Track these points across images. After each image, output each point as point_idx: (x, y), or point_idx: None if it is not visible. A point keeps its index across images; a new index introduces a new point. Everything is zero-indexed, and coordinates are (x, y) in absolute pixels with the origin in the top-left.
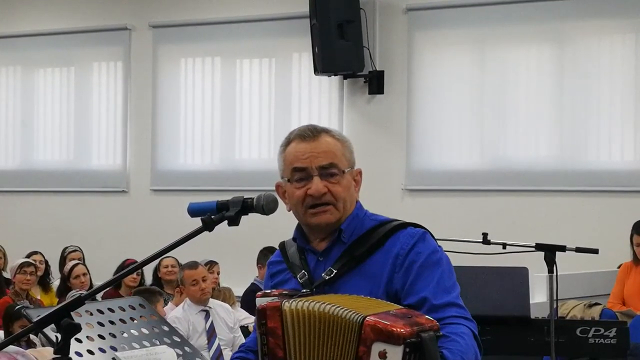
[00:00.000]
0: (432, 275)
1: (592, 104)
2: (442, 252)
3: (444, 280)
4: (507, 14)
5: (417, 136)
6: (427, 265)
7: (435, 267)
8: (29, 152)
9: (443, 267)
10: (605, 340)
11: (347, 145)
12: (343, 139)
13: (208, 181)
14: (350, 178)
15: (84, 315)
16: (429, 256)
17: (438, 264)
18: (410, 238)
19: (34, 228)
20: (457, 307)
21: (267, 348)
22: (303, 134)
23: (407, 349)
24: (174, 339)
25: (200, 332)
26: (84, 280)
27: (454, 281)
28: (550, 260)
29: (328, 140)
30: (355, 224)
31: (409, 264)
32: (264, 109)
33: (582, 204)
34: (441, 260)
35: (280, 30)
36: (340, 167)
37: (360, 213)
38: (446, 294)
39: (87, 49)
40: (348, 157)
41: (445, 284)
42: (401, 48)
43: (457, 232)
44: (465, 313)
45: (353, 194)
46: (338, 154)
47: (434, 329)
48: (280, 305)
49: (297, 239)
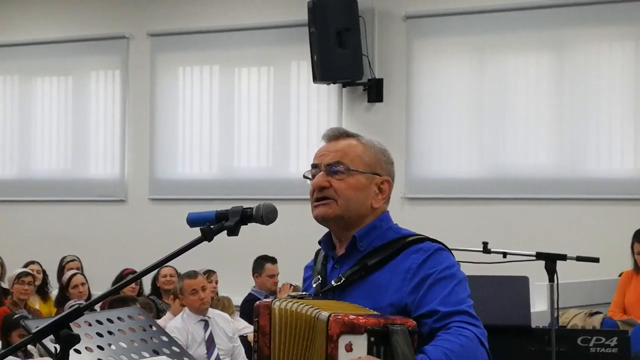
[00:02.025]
0: (443, 288)
1: (592, 111)
2: (458, 268)
3: (456, 293)
4: (507, 21)
5: (416, 144)
6: (439, 279)
7: (447, 281)
8: (26, 162)
9: (456, 281)
10: (606, 349)
11: (372, 151)
12: (369, 145)
13: (206, 190)
14: (365, 181)
15: (82, 325)
16: (441, 271)
17: (450, 278)
18: (423, 253)
19: (32, 237)
20: (466, 314)
21: (257, 345)
22: (327, 135)
23: (372, 338)
24: (173, 350)
25: (199, 342)
26: (82, 290)
27: (467, 296)
28: (551, 269)
29: (347, 142)
30: (375, 234)
31: (420, 279)
32: (263, 118)
33: (583, 212)
34: (454, 275)
35: (279, 38)
36: (348, 165)
37: (384, 224)
38: (456, 305)
39: (85, 57)
40: (367, 161)
41: (458, 296)
42: (400, 56)
43: (457, 241)
44: (475, 321)
45: (366, 198)
46: (351, 154)
47: (409, 325)
48: (270, 304)
49: (322, 243)
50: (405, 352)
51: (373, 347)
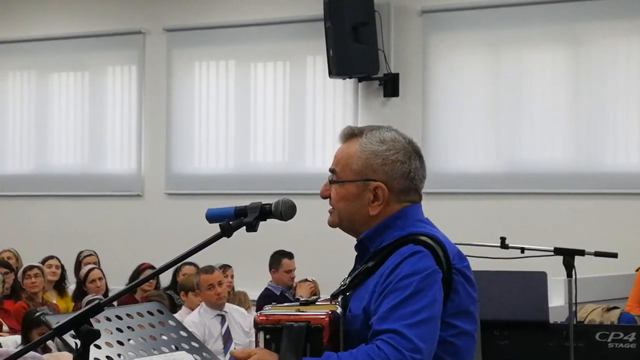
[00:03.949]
0: (390, 300)
1: (609, 105)
2: (421, 277)
3: (402, 307)
4: (523, 16)
5: (432, 139)
6: (392, 290)
7: (398, 293)
8: (43, 157)
9: (407, 292)
10: (624, 344)
11: (365, 155)
12: (366, 146)
13: (223, 185)
14: (356, 190)
15: (102, 321)
16: (398, 281)
17: (403, 289)
18: (398, 257)
19: (49, 232)
20: (395, 334)
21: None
22: (338, 136)
23: (268, 336)
24: (192, 345)
25: (216, 337)
26: (99, 285)
27: (417, 310)
28: (569, 264)
29: (346, 145)
30: (387, 233)
31: (384, 286)
32: (279, 112)
33: (599, 207)
34: (409, 286)
35: (295, 33)
36: (338, 174)
37: (400, 222)
38: (393, 322)
39: (101, 53)
40: (355, 168)
41: (401, 311)
42: (416, 50)
43: (473, 235)
44: (401, 343)
45: (359, 207)
46: (342, 161)
47: (314, 322)
48: None
49: None
50: (288, 347)
51: (270, 343)
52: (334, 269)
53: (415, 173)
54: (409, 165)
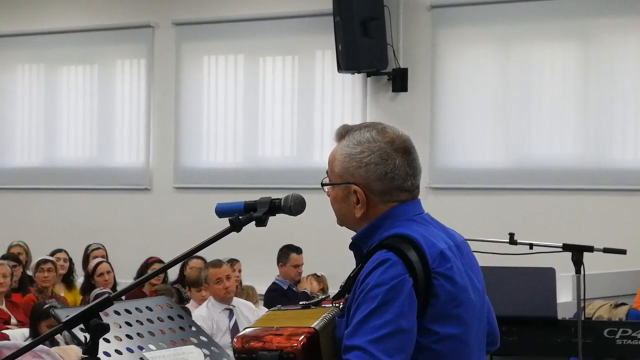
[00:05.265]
0: (360, 313)
1: (618, 101)
2: (388, 288)
3: (370, 320)
4: (532, 11)
5: (441, 134)
6: (362, 301)
7: (366, 305)
8: (52, 150)
9: (374, 305)
10: (633, 341)
11: (343, 158)
12: (346, 148)
13: (231, 179)
14: (342, 193)
15: (111, 315)
16: (367, 291)
17: (370, 301)
18: (371, 263)
19: (57, 225)
20: (359, 351)
21: None
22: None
23: None
24: (201, 339)
25: (224, 331)
26: (107, 278)
27: (381, 324)
28: (577, 260)
29: (335, 148)
30: (377, 234)
31: (359, 292)
32: (287, 107)
33: (608, 203)
34: (376, 297)
35: (304, 27)
36: (330, 177)
37: (387, 223)
38: (359, 337)
39: (110, 46)
40: (337, 172)
41: (369, 324)
42: (425, 45)
43: (481, 231)
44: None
45: (348, 209)
46: (330, 165)
47: (287, 351)
48: None
49: None
50: None
51: None
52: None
53: (395, 173)
54: (384, 167)
